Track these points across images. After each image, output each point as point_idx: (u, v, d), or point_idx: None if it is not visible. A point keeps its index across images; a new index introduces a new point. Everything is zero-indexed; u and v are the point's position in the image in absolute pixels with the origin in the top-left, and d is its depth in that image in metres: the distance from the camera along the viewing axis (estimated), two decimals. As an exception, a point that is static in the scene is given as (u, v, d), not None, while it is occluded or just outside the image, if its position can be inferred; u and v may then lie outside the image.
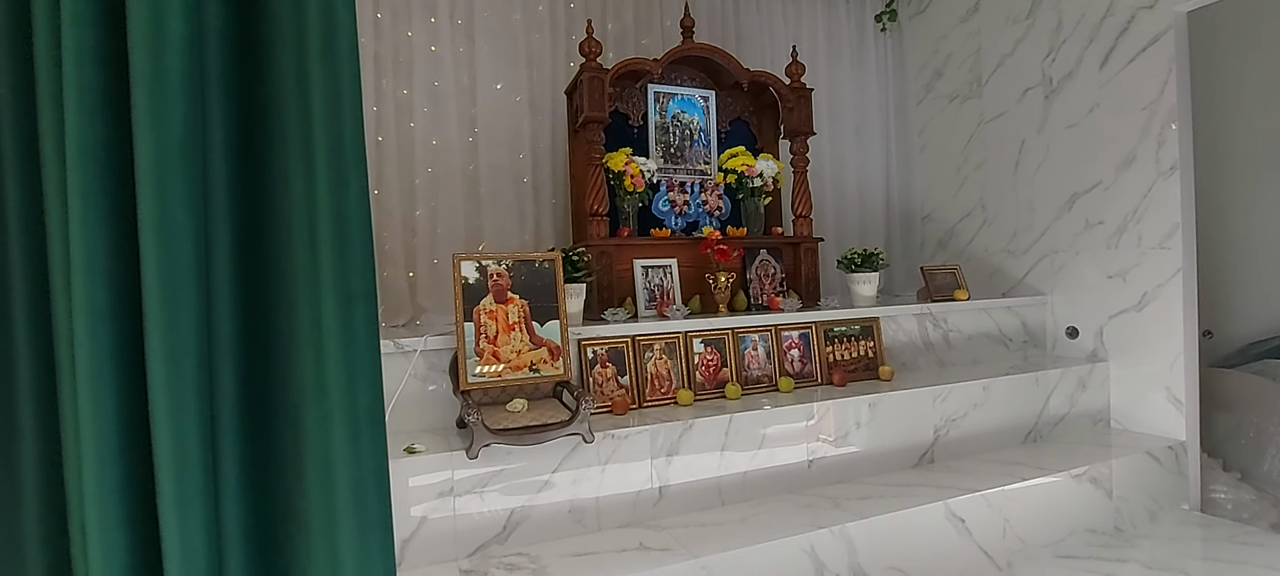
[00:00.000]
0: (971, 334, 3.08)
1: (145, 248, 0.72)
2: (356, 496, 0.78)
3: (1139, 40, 2.76)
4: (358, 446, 0.79)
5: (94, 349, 0.72)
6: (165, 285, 0.73)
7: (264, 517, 0.81)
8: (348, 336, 0.79)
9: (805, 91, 3.02)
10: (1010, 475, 2.29)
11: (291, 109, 0.79)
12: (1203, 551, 2.28)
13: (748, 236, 2.92)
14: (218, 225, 0.80)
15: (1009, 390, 2.65)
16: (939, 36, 3.75)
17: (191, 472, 0.74)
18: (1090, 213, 2.99)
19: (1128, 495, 2.46)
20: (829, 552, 1.90)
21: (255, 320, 0.82)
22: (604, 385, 2.26)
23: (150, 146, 0.72)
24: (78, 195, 0.71)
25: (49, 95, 0.74)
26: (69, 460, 0.74)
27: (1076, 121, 3.03)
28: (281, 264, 0.81)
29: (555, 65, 3.14)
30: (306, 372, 0.80)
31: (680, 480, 2.05)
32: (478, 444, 1.77)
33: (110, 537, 0.72)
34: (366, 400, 0.80)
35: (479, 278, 2.01)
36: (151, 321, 0.72)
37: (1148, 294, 2.78)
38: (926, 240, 3.93)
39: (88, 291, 0.72)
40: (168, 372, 0.73)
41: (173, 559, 0.72)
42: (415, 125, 2.86)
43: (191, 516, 0.74)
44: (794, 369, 2.58)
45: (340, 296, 0.79)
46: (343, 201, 0.79)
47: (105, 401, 0.73)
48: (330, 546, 0.78)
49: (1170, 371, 2.71)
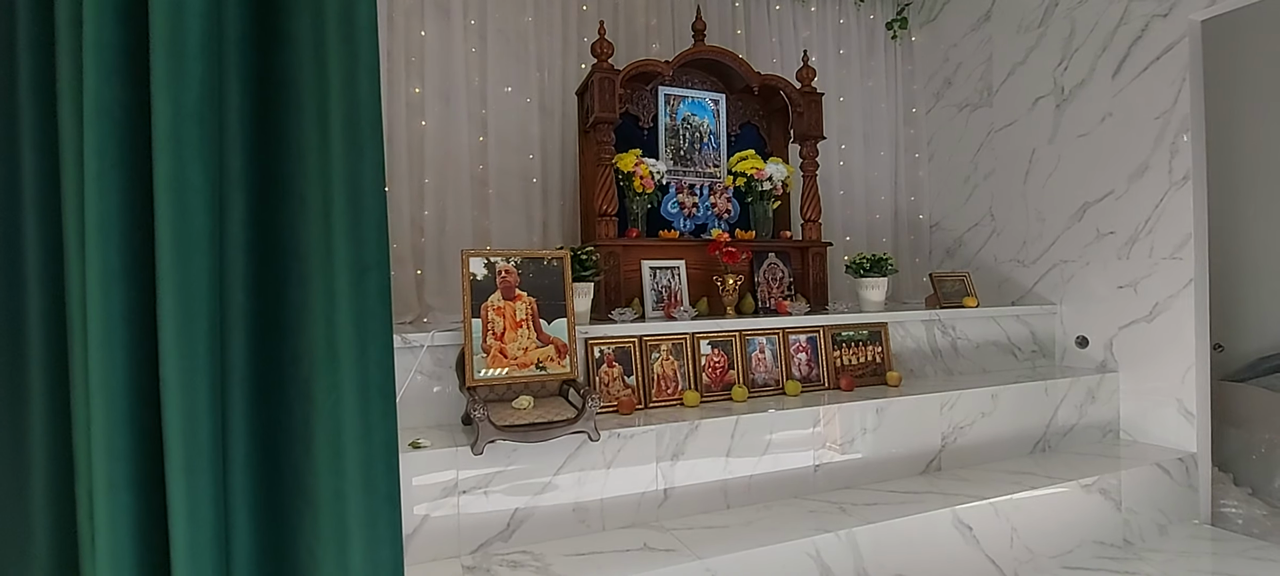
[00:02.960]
0: (980, 342, 3.06)
1: (160, 209, 0.72)
2: (366, 470, 0.78)
3: (1153, 49, 2.75)
4: (368, 419, 0.79)
5: (106, 309, 0.72)
6: (179, 247, 0.73)
7: (272, 489, 0.81)
8: (360, 307, 0.78)
9: (816, 96, 3.02)
10: (1018, 484, 2.26)
11: (308, 76, 0.79)
12: (1214, 565, 2.25)
13: (756, 240, 2.91)
14: (232, 190, 0.80)
15: (1018, 399, 2.63)
16: (949, 45, 3.74)
17: (201, 439, 0.73)
18: (1101, 222, 2.97)
19: (1137, 507, 2.43)
20: (834, 557, 1.88)
21: (267, 288, 0.82)
22: (610, 385, 2.25)
23: (167, 108, 0.72)
24: (94, 154, 0.71)
25: (68, 52, 0.74)
26: (78, 422, 0.74)
27: (1088, 130, 3.01)
28: (294, 232, 0.81)
29: (566, 67, 3.15)
30: (318, 343, 0.79)
31: (685, 482, 2.04)
32: (483, 439, 1.77)
33: (117, 501, 0.72)
34: (377, 372, 0.79)
35: (487, 274, 2.01)
36: (164, 283, 0.72)
37: (1159, 304, 2.76)
38: (934, 248, 3.91)
39: (102, 251, 0.72)
40: (179, 336, 0.72)
41: (179, 525, 0.72)
42: (426, 124, 2.87)
43: (199, 483, 0.73)
44: (801, 373, 2.57)
45: (353, 266, 0.78)
46: (357, 170, 0.79)
47: (116, 363, 0.72)
48: (338, 520, 0.77)
49: (1181, 383, 2.68)
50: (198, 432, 0.73)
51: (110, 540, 0.72)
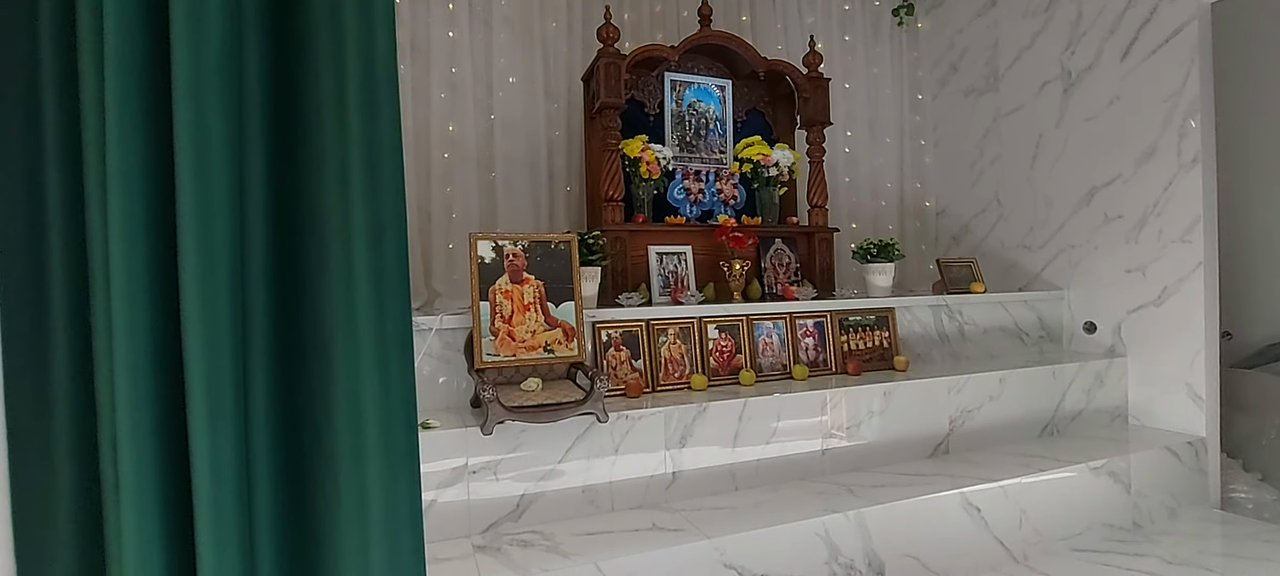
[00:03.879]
0: (987, 327, 3.05)
1: (181, 160, 0.72)
2: (385, 427, 0.78)
3: (1162, 31, 2.73)
4: (387, 376, 0.79)
5: (129, 259, 0.72)
6: (200, 198, 0.73)
7: (291, 446, 0.81)
8: (378, 267, 0.79)
9: (822, 81, 3.01)
10: (1027, 467, 2.26)
11: (325, 35, 0.79)
12: (1224, 548, 2.24)
13: (763, 225, 2.91)
14: (252, 148, 0.80)
15: (1025, 383, 2.63)
16: (955, 30, 3.72)
17: (224, 389, 0.74)
18: (1109, 207, 2.96)
19: (1146, 491, 2.43)
20: (843, 537, 1.88)
21: (285, 247, 0.82)
22: (618, 368, 2.25)
23: (187, 61, 0.72)
24: (115, 104, 0.71)
25: (88, 7, 0.74)
26: (101, 371, 0.74)
27: (1096, 114, 3.00)
28: (312, 192, 0.81)
29: (571, 54, 3.15)
30: (336, 302, 0.79)
31: (693, 464, 2.04)
32: (492, 420, 1.77)
33: (142, 448, 0.72)
34: (396, 330, 0.79)
35: (495, 257, 2.01)
36: (185, 234, 0.72)
37: (1168, 288, 2.75)
38: (940, 235, 3.90)
39: (124, 201, 0.72)
40: (201, 287, 0.72)
41: (202, 474, 0.72)
42: (432, 110, 2.87)
43: (223, 433, 0.74)
44: (808, 357, 2.56)
45: (371, 226, 0.79)
46: (374, 130, 0.79)
47: (139, 311, 0.73)
48: (358, 477, 0.78)
49: (1191, 367, 2.67)
50: (221, 383, 0.73)
51: (135, 485, 0.72)
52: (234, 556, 0.77)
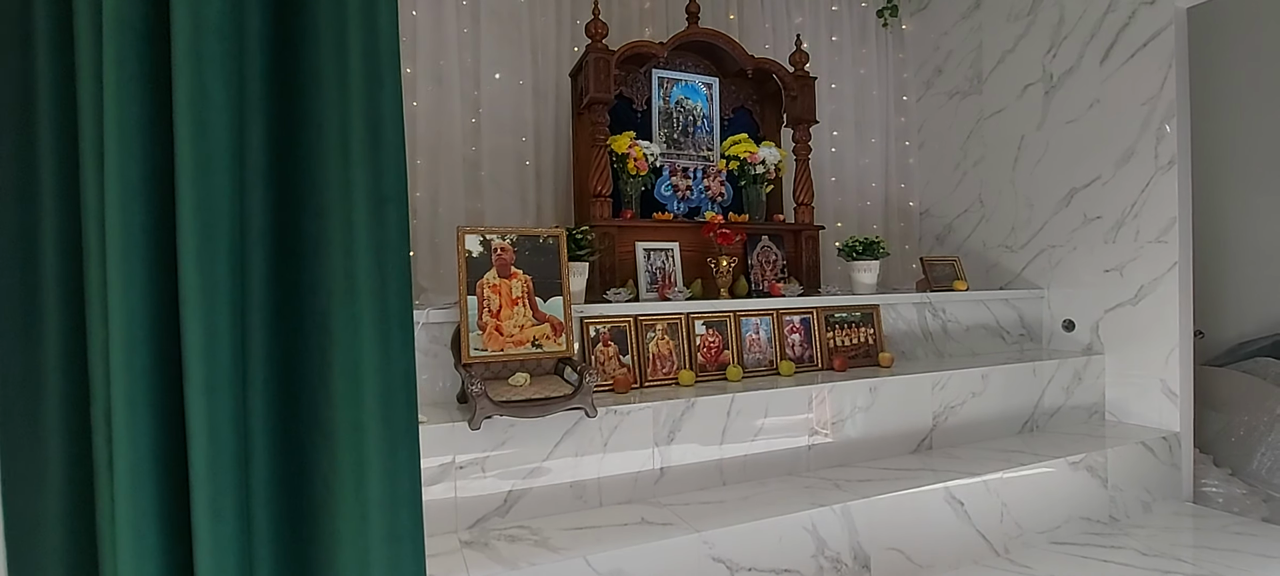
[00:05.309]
0: (970, 325, 3.09)
1: (180, 122, 0.70)
2: (385, 401, 0.77)
3: (1140, 36, 2.79)
4: (387, 351, 0.78)
5: (125, 224, 0.70)
6: (199, 161, 0.71)
7: (288, 419, 0.80)
8: (379, 238, 0.77)
9: (809, 79, 3.03)
10: (1008, 461, 2.30)
11: (326, 3, 0.78)
12: (1196, 540, 2.30)
13: (749, 222, 2.92)
14: (251, 115, 0.78)
15: (1007, 380, 2.67)
16: (940, 33, 3.77)
17: (221, 357, 0.72)
18: (1088, 208, 3.02)
19: (1123, 485, 2.48)
20: (830, 531, 1.90)
21: (285, 216, 0.81)
22: (606, 363, 2.25)
23: (188, 23, 0.70)
24: (113, 65, 0.70)
25: None
26: (94, 341, 0.72)
27: (1076, 117, 3.05)
28: (313, 162, 0.79)
29: (559, 49, 3.14)
30: (336, 274, 0.78)
31: (681, 460, 2.05)
32: (480, 415, 1.76)
33: (137, 420, 0.70)
34: (396, 303, 0.78)
35: (483, 251, 2.00)
36: (184, 198, 0.70)
37: (1144, 288, 2.81)
38: (924, 235, 3.95)
39: (121, 165, 0.70)
40: (199, 253, 0.71)
41: (198, 444, 0.70)
42: (418, 104, 2.84)
43: (220, 403, 0.72)
44: (795, 353, 2.58)
45: (372, 197, 0.78)
46: (376, 101, 0.77)
47: (135, 278, 0.71)
48: (357, 452, 0.77)
49: (1165, 364, 2.73)
50: (218, 352, 0.72)
51: (130, 460, 0.70)
52: (231, 529, 0.75)
